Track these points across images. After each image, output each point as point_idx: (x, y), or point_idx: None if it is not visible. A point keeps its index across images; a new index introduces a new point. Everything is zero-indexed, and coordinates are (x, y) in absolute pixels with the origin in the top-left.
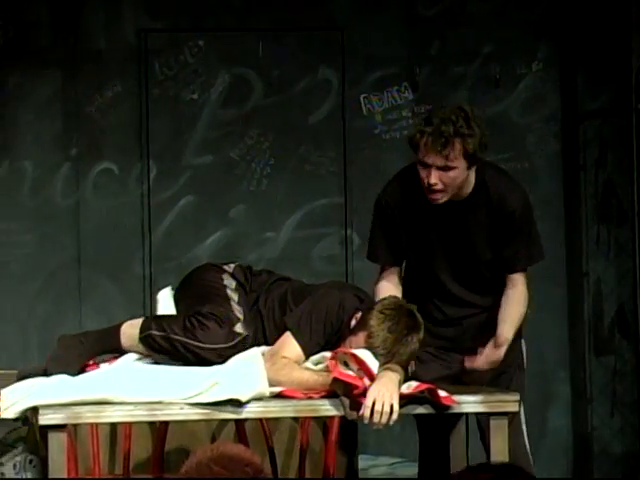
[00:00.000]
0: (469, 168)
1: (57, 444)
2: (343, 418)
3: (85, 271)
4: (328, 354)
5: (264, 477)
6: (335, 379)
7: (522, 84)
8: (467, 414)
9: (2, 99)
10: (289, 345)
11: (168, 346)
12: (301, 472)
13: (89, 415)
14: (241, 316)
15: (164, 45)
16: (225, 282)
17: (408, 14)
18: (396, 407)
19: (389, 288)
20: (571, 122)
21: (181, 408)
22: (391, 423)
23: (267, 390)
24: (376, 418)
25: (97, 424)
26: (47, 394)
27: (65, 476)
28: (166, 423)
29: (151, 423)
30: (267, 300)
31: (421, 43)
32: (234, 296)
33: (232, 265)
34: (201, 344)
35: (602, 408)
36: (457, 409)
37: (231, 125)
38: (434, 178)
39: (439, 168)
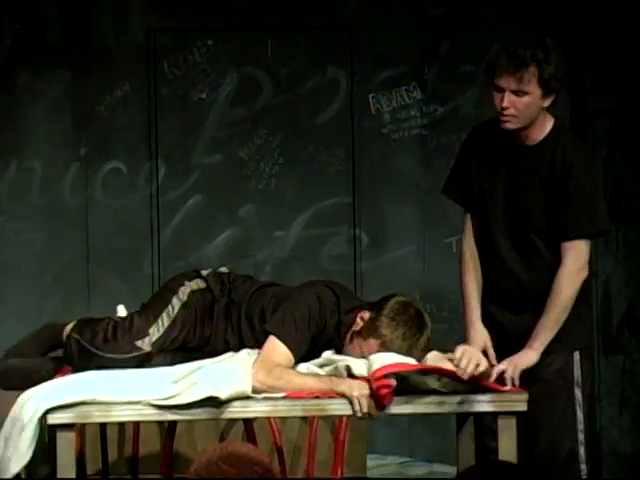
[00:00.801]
0: (543, 97)
1: (66, 443)
2: (352, 417)
3: (94, 270)
4: (336, 356)
5: (273, 476)
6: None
7: None
8: (475, 413)
9: (12, 98)
10: (277, 349)
11: (76, 350)
12: (309, 471)
13: (98, 414)
14: (156, 334)
15: (173, 44)
16: (175, 297)
17: (417, 14)
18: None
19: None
20: (580, 121)
21: (189, 408)
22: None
23: (249, 389)
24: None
25: (106, 423)
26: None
27: (74, 476)
28: (174, 422)
29: (160, 423)
30: (248, 311)
31: (430, 43)
32: (171, 312)
33: (206, 271)
34: (98, 351)
35: (611, 408)
36: (465, 408)
37: (240, 124)
38: (507, 102)
39: (513, 92)
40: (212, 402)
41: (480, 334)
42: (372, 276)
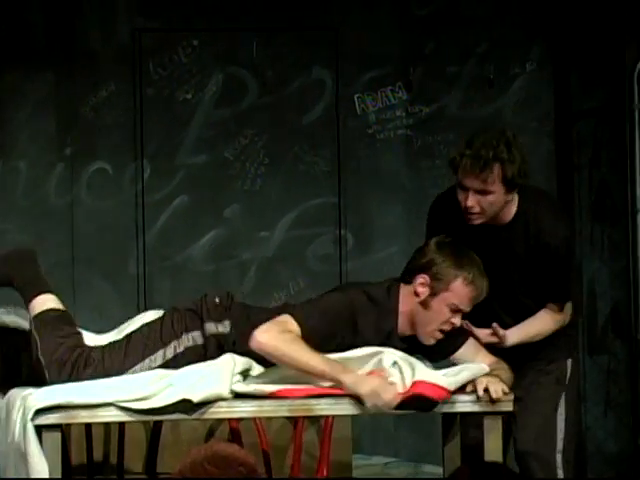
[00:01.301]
0: (507, 193)
1: (52, 444)
2: (337, 417)
3: (79, 270)
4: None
5: (258, 477)
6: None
7: (516, 84)
8: (461, 413)
9: None
10: (289, 322)
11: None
12: (295, 471)
13: (83, 415)
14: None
15: (158, 45)
16: (169, 346)
17: (402, 14)
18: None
19: None
20: (565, 122)
21: (175, 408)
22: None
23: (226, 391)
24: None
25: (92, 424)
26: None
27: (59, 473)
28: (160, 423)
29: (145, 423)
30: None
31: (415, 43)
32: (163, 358)
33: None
34: (39, 350)
35: (596, 408)
36: (451, 409)
37: (225, 125)
38: (471, 201)
39: (477, 192)
40: (186, 405)
41: None
42: (358, 276)
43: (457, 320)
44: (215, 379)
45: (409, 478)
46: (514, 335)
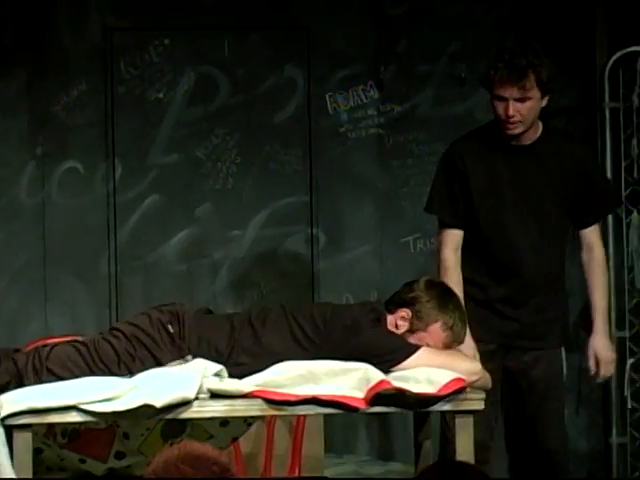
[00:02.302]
0: (542, 97)
1: (23, 444)
2: (309, 417)
3: (51, 270)
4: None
5: (231, 476)
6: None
7: None
8: (433, 412)
9: None
10: (415, 361)
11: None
12: (267, 471)
13: (53, 416)
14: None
15: (130, 44)
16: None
17: (374, 13)
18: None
19: (454, 258)
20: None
21: (138, 413)
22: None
23: (192, 394)
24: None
25: (62, 424)
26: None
27: (30, 474)
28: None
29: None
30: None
31: (387, 42)
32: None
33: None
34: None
35: (568, 406)
36: (421, 406)
37: (197, 124)
38: (512, 110)
39: (517, 100)
40: (149, 409)
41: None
42: (330, 275)
43: None
44: (181, 382)
45: (381, 478)
46: (603, 324)
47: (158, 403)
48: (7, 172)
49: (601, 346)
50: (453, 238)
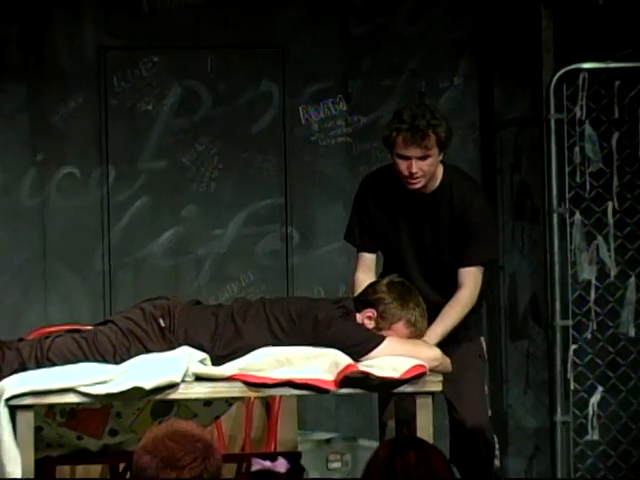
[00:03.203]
0: (440, 153)
1: (25, 422)
2: (283, 397)
3: (50, 265)
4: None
5: (213, 451)
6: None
7: (445, 96)
8: (396, 393)
9: None
10: (381, 351)
11: None
12: (246, 447)
13: (53, 397)
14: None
15: (122, 61)
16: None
17: (342, 33)
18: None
19: (364, 278)
20: (489, 130)
21: (129, 394)
22: None
23: (178, 378)
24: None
25: (61, 404)
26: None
27: (32, 450)
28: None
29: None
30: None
31: (353, 59)
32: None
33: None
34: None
35: (516, 388)
36: (386, 389)
37: (182, 133)
38: (415, 168)
39: (418, 158)
40: (140, 391)
41: None
42: (303, 269)
43: None
44: (169, 366)
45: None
46: (432, 337)
47: (148, 385)
48: (10, 176)
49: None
50: (364, 261)
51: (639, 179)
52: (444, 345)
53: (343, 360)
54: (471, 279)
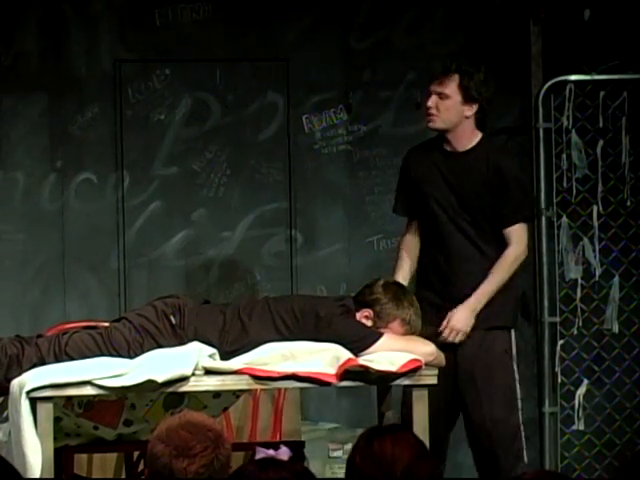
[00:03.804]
0: (464, 103)
1: (45, 413)
2: (288, 390)
3: (68, 265)
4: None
5: (223, 440)
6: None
7: None
8: (393, 386)
9: None
10: (379, 346)
11: None
12: (253, 436)
13: (71, 390)
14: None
15: (136, 73)
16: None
17: (343, 47)
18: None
19: (410, 239)
20: None
21: (143, 387)
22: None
23: (189, 371)
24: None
25: (78, 396)
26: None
27: (51, 439)
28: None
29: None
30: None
31: (354, 71)
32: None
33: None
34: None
35: None
36: (385, 381)
37: (193, 141)
38: (430, 101)
39: (437, 95)
40: (152, 384)
41: None
42: (306, 270)
43: None
44: (180, 361)
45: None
46: (481, 295)
47: (160, 378)
48: (31, 182)
49: (456, 315)
50: (410, 228)
51: (622, 184)
52: (474, 329)
53: (344, 354)
54: (516, 236)
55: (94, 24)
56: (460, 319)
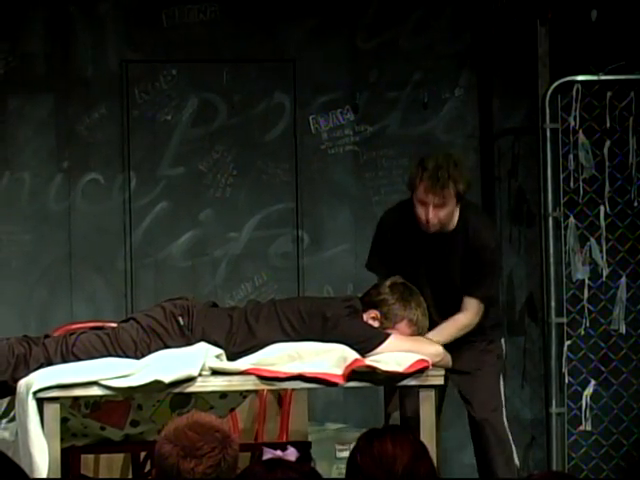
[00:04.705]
0: (457, 204)
1: (52, 414)
2: (295, 390)
3: (75, 266)
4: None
5: (231, 441)
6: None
7: (446, 107)
8: (400, 387)
9: (4, 119)
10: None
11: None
12: (259, 437)
13: (77, 391)
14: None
15: (143, 74)
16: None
17: (350, 47)
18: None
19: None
20: (488, 139)
21: (150, 388)
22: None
23: (196, 372)
24: None
25: (85, 397)
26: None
27: (58, 440)
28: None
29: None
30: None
31: (361, 72)
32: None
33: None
34: None
35: (514, 381)
36: (391, 382)
37: (199, 142)
38: (432, 215)
39: (435, 206)
40: (159, 384)
41: None
42: (313, 270)
43: None
44: (187, 361)
45: None
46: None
47: (167, 379)
48: (38, 182)
49: None
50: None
51: (629, 185)
52: (465, 350)
53: (350, 355)
54: (473, 307)
55: (101, 25)
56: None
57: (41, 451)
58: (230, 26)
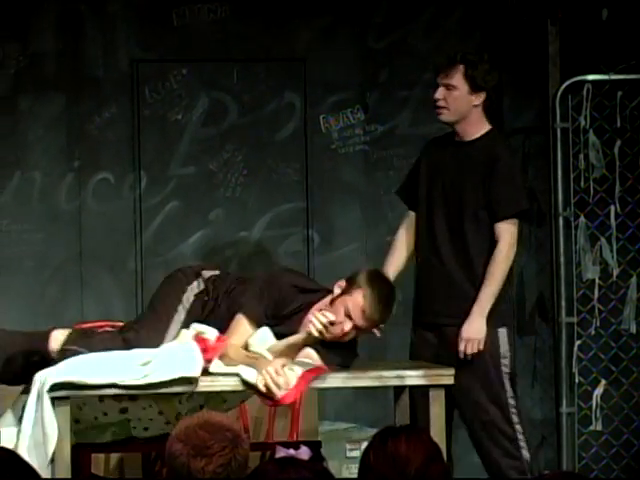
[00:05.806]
0: (471, 92)
1: (63, 413)
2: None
3: (86, 265)
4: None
5: (241, 440)
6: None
7: None
8: (409, 386)
9: (15, 118)
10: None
11: None
12: (270, 436)
13: (88, 391)
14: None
15: (153, 73)
16: (180, 305)
17: (360, 47)
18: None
19: (403, 233)
20: None
21: (163, 385)
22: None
23: (198, 373)
24: None
25: (98, 397)
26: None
27: (69, 439)
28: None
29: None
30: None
31: (371, 71)
32: (181, 316)
33: (204, 273)
34: None
35: (524, 380)
36: (401, 382)
37: (210, 141)
38: (438, 94)
39: (445, 86)
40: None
41: None
42: (323, 270)
43: (347, 326)
44: (188, 363)
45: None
46: (484, 299)
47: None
48: (49, 181)
49: (467, 328)
50: (408, 217)
51: None
52: (459, 326)
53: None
54: (504, 232)
55: (111, 24)
56: (471, 330)
57: (53, 443)
58: (241, 25)
